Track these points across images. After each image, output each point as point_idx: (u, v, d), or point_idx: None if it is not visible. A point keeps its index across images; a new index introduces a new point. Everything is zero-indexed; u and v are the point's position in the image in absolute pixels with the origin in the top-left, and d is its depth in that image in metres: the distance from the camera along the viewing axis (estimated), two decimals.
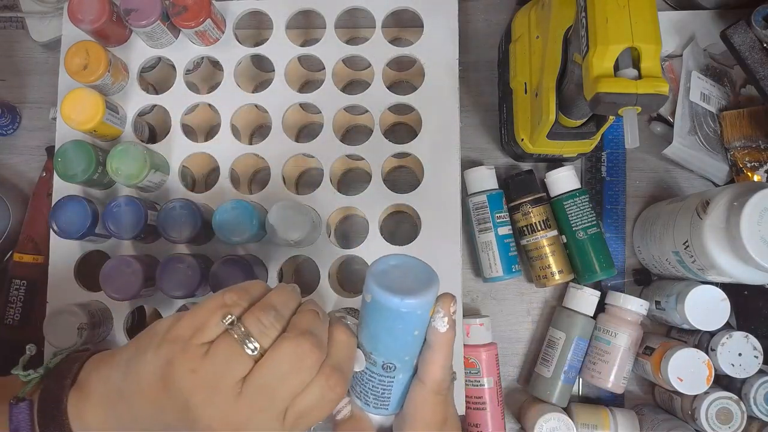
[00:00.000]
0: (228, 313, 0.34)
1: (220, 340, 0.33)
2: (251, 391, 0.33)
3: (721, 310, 0.55)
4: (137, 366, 0.35)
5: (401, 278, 0.34)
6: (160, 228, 0.51)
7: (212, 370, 0.33)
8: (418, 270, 0.35)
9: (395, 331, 0.34)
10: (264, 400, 0.33)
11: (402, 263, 0.35)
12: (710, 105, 0.62)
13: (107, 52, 0.54)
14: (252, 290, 0.36)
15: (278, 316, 0.35)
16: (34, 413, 0.37)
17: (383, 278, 0.33)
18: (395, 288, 0.33)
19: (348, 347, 0.36)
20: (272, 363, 0.33)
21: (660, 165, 0.65)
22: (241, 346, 0.33)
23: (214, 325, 0.34)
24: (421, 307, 0.34)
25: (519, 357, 0.64)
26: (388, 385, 0.37)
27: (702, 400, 0.56)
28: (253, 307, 0.35)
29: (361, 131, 0.65)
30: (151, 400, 0.34)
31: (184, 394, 0.33)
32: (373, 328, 0.35)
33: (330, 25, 0.57)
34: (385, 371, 0.36)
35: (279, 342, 0.34)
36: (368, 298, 0.34)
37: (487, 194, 0.61)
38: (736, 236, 0.46)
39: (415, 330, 0.35)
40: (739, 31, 0.59)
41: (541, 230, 0.60)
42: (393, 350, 0.35)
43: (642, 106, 0.40)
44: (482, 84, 0.66)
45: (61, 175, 0.52)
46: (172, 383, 0.33)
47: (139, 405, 0.34)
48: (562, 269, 0.60)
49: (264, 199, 0.54)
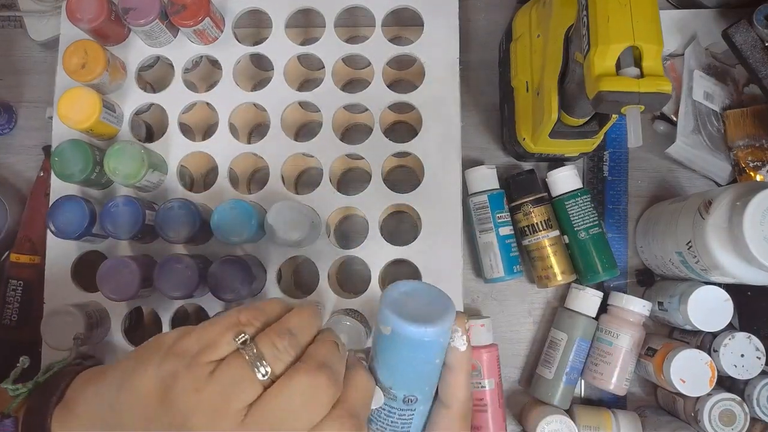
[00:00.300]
0: (241, 332, 0.31)
1: (230, 359, 0.31)
2: (256, 420, 0.30)
3: (724, 310, 0.55)
4: (136, 378, 0.32)
5: (417, 306, 0.32)
6: (158, 228, 0.51)
7: (218, 391, 0.30)
8: (430, 295, 0.33)
9: (416, 361, 0.33)
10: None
11: (413, 290, 0.33)
12: (713, 104, 0.62)
13: (106, 51, 0.53)
14: (269, 310, 0.34)
15: (294, 342, 0.32)
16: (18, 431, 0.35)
17: (400, 308, 0.31)
18: (415, 317, 0.31)
19: (366, 391, 0.33)
20: (283, 393, 0.30)
21: (662, 164, 0.65)
22: (251, 369, 0.30)
23: (225, 343, 0.31)
24: (443, 335, 0.32)
25: (520, 358, 0.64)
26: (409, 418, 0.35)
27: (705, 402, 0.55)
28: (268, 328, 0.32)
29: (360, 130, 0.65)
30: (146, 416, 0.31)
31: (183, 413, 0.30)
32: (393, 361, 0.33)
33: (329, 24, 0.57)
34: (406, 405, 0.34)
35: (293, 371, 0.31)
36: (386, 330, 0.32)
37: (488, 194, 0.60)
38: (738, 236, 0.46)
39: (437, 358, 0.33)
40: (740, 30, 0.59)
41: (542, 230, 0.60)
42: (415, 382, 0.34)
43: (645, 105, 0.40)
44: (483, 83, 0.66)
45: (59, 175, 0.51)
46: (172, 401, 0.30)
47: (131, 420, 0.32)
48: (564, 270, 0.60)
49: (263, 198, 0.54)
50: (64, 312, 0.51)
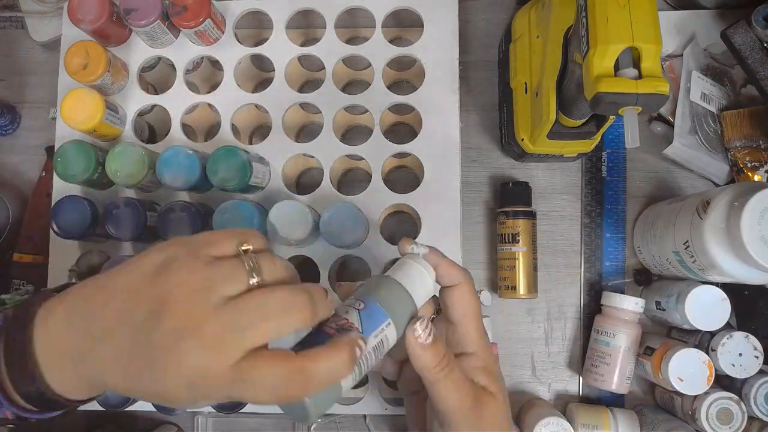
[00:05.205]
0: (246, 242, 0.34)
1: (229, 259, 0.33)
2: (229, 311, 0.31)
3: (722, 310, 0.55)
4: (138, 259, 0.34)
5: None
6: (160, 229, 0.51)
7: (207, 277, 0.32)
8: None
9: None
10: (236, 326, 0.31)
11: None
12: (711, 105, 0.62)
13: (107, 51, 0.53)
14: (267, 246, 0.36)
15: (291, 273, 0.35)
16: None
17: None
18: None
19: (329, 371, 0.32)
20: (264, 295, 0.32)
21: (661, 165, 0.65)
22: (246, 273, 0.32)
23: (229, 246, 0.33)
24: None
25: (519, 357, 0.64)
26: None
27: (702, 401, 0.56)
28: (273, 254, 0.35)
29: (361, 131, 0.65)
30: (134, 288, 0.32)
31: (167, 289, 0.31)
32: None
33: (330, 25, 0.57)
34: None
35: (280, 284, 0.33)
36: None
37: None
38: (736, 236, 0.46)
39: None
40: (739, 30, 0.59)
41: (508, 243, 0.61)
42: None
43: (642, 106, 0.40)
44: (482, 84, 0.66)
45: (61, 176, 0.52)
46: (162, 277, 0.32)
47: (118, 295, 0.33)
48: (527, 286, 0.60)
49: (264, 199, 0.54)
50: None
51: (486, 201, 0.65)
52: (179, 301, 0.31)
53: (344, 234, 0.50)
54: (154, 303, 0.31)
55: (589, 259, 0.64)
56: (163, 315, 0.31)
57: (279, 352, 0.32)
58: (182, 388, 0.31)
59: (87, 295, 0.34)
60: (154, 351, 0.31)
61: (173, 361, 0.30)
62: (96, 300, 0.33)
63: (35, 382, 0.34)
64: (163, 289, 0.32)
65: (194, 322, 0.31)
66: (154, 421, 0.61)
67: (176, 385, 0.31)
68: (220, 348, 0.30)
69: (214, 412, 0.51)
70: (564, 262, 0.64)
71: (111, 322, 0.32)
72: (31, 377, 0.34)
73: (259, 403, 0.32)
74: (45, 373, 0.34)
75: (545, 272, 0.64)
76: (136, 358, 0.31)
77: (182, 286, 0.31)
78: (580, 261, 0.64)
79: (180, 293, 0.31)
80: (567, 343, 0.64)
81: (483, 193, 0.65)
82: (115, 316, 0.32)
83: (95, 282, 0.35)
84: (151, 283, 0.32)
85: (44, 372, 0.34)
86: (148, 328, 0.31)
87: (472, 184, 0.65)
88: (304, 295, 0.32)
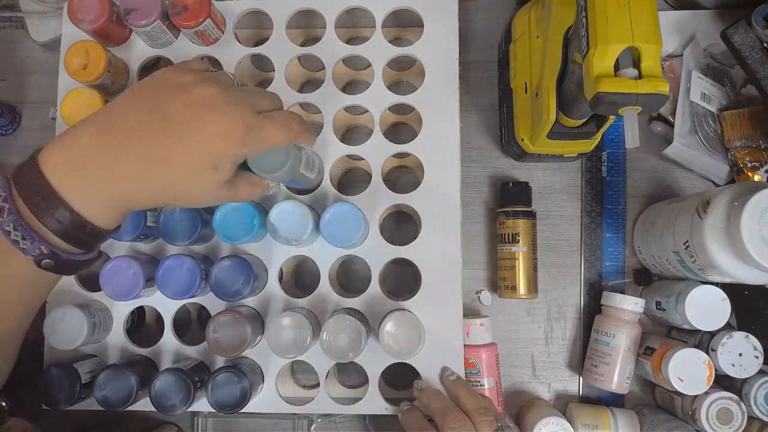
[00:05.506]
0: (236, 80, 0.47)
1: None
2: (242, 92, 0.41)
3: (722, 310, 0.55)
4: (157, 74, 0.41)
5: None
6: (160, 229, 0.51)
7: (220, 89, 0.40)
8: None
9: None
10: (247, 97, 0.41)
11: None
12: (711, 105, 0.62)
13: (107, 51, 0.54)
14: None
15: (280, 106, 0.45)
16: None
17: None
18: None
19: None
20: (273, 115, 0.42)
21: (660, 165, 0.65)
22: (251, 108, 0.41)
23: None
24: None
25: (519, 357, 0.64)
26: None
27: (702, 401, 0.56)
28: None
29: (361, 131, 0.65)
30: (152, 90, 0.40)
31: (180, 83, 0.40)
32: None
33: (330, 25, 0.57)
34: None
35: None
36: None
37: None
38: (736, 236, 0.46)
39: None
40: (739, 30, 0.59)
41: (508, 243, 0.61)
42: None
43: (642, 106, 0.40)
44: (482, 84, 0.66)
45: None
46: (177, 83, 0.40)
47: (130, 103, 0.39)
48: (527, 286, 0.60)
49: (264, 199, 0.54)
50: (66, 311, 0.51)
51: (486, 201, 0.65)
52: (198, 85, 0.39)
53: (344, 234, 0.50)
54: (178, 88, 0.39)
55: (589, 259, 0.64)
56: (182, 93, 0.39)
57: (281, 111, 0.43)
58: (205, 149, 0.38)
59: (83, 124, 0.39)
60: (176, 125, 0.38)
61: (195, 127, 0.38)
62: (94, 122, 0.39)
63: (59, 209, 0.37)
64: (171, 88, 0.39)
65: (210, 99, 0.39)
66: (154, 420, 0.61)
67: (200, 150, 0.38)
68: (237, 109, 0.39)
69: (214, 412, 0.51)
70: (564, 262, 0.64)
71: (129, 123, 0.38)
72: (55, 204, 0.37)
73: (273, 144, 0.42)
74: (68, 198, 0.37)
75: (545, 272, 0.64)
76: (162, 136, 0.38)
77: (191, 90, 0.39)
78: (580, 261, 0.64)
79: (200, 90, 0.39)
80: (567, 343, 0.64)
81: (483, 193, 0.65)
82: (130, 119, 0.39)
83: (116, 100, 0.41)
84: (167, 87, 0.40)
85: (66, 197, 0.37)
86: (168, 110, 0.38)
87: (472, 184, 0.65)
88: (299, 121, 0.44)
